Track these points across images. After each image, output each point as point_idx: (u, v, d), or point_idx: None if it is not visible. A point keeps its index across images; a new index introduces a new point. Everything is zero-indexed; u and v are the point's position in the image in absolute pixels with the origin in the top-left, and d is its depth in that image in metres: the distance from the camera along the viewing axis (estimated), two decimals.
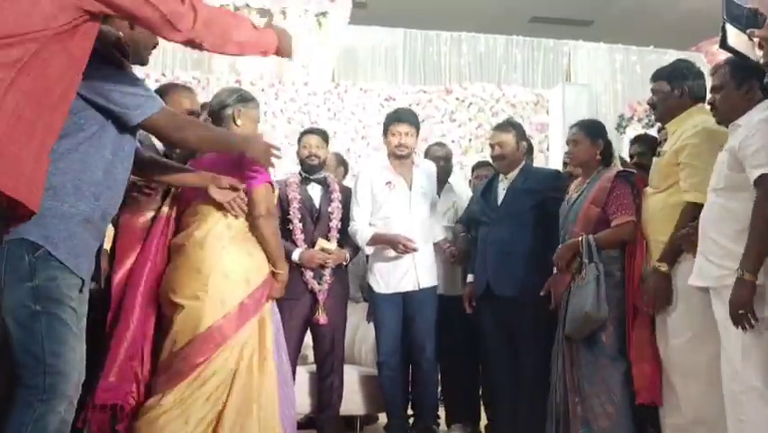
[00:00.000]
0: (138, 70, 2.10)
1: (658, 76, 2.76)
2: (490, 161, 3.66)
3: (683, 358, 2.52)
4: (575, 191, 3.07)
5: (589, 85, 6.83)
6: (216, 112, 2.61)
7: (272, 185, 2.63)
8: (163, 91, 2.52)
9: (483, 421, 3.73)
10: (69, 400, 1.67)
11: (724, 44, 2.11)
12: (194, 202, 2.49)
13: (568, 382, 2.86)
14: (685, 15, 7.83)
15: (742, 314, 2.08)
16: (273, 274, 2.60)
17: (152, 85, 5.77)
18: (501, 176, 3.43)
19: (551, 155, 6.55)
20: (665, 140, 2.91)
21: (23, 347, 1.63)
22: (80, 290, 1.81)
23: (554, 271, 3.03)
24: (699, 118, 2.60)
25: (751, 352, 2.11)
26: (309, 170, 3.49)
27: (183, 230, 2.48)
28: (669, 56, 7.20)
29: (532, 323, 3.14)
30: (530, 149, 3.82)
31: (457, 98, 6.57)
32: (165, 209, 2.45)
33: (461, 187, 4.25)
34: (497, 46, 6.96)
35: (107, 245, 2.33)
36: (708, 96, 2.50)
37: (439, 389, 3.73)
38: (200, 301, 2.37)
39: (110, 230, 2.21)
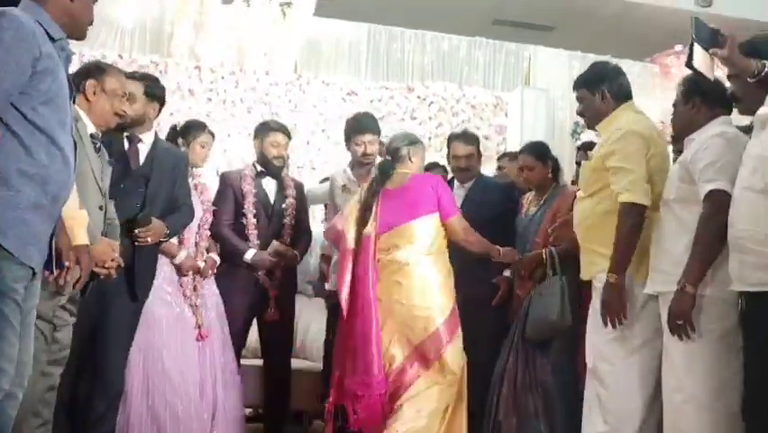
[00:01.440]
0: (95, 51, 2.08)
1: (578, 84, 2.75)
2: (445, 162, 3.73)
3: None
4: (533, 205, 3.27)
5: (548, 90, 6.93)
6: (393, 153, 3.14)
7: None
8: (100, 69, 2.46)
9: None
10: (7, 393, 1.63)
11: (689, 64, 2.18)
12: (397, 227, 2.99)
13: (519, 377, 3.06)
14: (642, 27, 8.04)
15: (680, 324, 2.15)
16: None
17: None
18: (457, 183, 3.53)
19: None
20: None
21: None
22: (31, 281, 1.77)
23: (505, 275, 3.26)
24: (623, 120, 2.58)
25: (694, 362, 2.17)
26: (274, 170, 3.43)
27: (387, 249, 2.97)
28: (625, 65, 7.35)
29: (485, 326, 3.32)
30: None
31: (419, 96, 6.59)
32: (370, 230, 2.93)
33: None
34: (460, 47, 6.99)
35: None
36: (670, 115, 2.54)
37: None
38: (428, 309, 2.90)
39: None
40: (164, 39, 6.07)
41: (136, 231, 2.76)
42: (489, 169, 5.25)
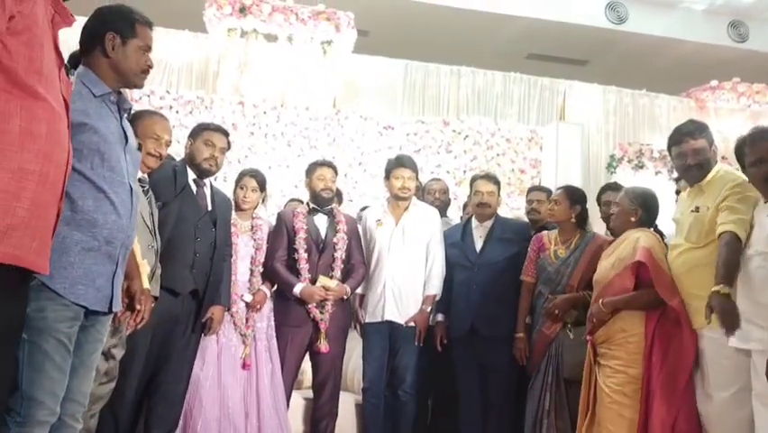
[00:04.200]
0: (144, 88, 2.18)
1: (701, 132, 2.80)
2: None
3: (727, 412, 2.52)
4: (561, 248, 3.35)
5: (582, 124, 6.98)
6: None
7: None
8: (136, 116, 2.55)
9: None
10: (46, 424, 1.70)
11: None
12: None
13: (559, 417, 3.17)
14: (676, 62, 8.08)
15: None
16: None
17: (156, 102, 5.92)
18: (475, 222, 3.67)
19: None
20: (678, 192, 3.20)
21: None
22: (93, 324, 1.85)
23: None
24: (732, 173, 2.68)
25: None
26: (322, 202, 3.58)
27: None
28: (660, 99, 7.44)
29: (505, 361, 3.46)
30: None
31: (454, 130, 6.69)
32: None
33: (457, 220, 4.41)
34: (495, 81, 7.09)
35: None
36: (752, 169, 2.46)
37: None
38: None
39: None
40: (209, 76, 6.29)
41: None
42: (521, 202, 5.33)
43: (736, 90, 7.25)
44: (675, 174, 6.58)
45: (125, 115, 2.02)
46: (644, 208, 3.04)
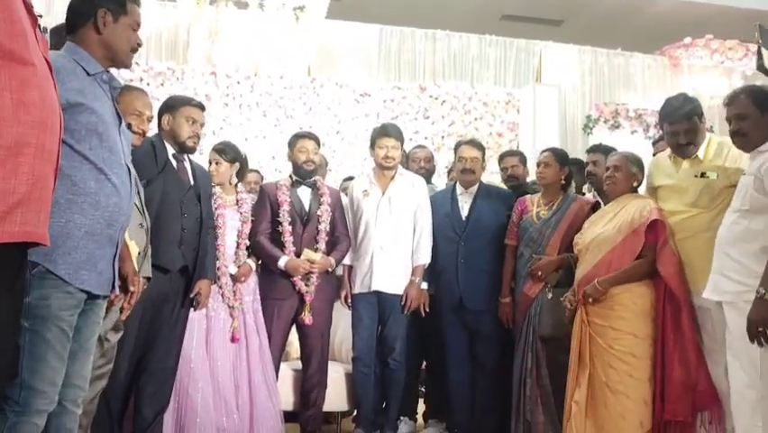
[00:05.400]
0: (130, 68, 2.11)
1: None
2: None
3: None
4: (543, 210, 3.34)
5: (559, 85, 6.97)
6: None
7: None
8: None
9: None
10: (45, 412, 1.68)
11: (761, 67, 2.27)
12: None
13: (542, 376, 3.24)
14: (651, 21, 8.07)
15: (760, 331, 2.22)
16: None
17: (126, 74, 5.76)
18: (460, 188, 3.67)
19: None
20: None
21: None
22: (92, 307, 1.82)
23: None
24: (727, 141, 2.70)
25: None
26: (305, 174, 3.55)
27: None
28: (635, 58, 7.45)
29: (493, 328, 3.53)
30: None
31: (431, 96, 6.65)
32: None
33: (442, 185, 4.40)
34: (470, 44, 7.03)
35: None
36: (732, 124, 2.50)
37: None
38: None
39: None
40: (179, 46, 6.14)
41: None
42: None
43: (709, 47, 7.28)
44: (651, 133, 6.67)
45: (115, 95, 1.96)
46: (642, 172, 3.09)
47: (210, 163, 3.46)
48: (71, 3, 1.93)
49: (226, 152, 3.46)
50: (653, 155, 3.44)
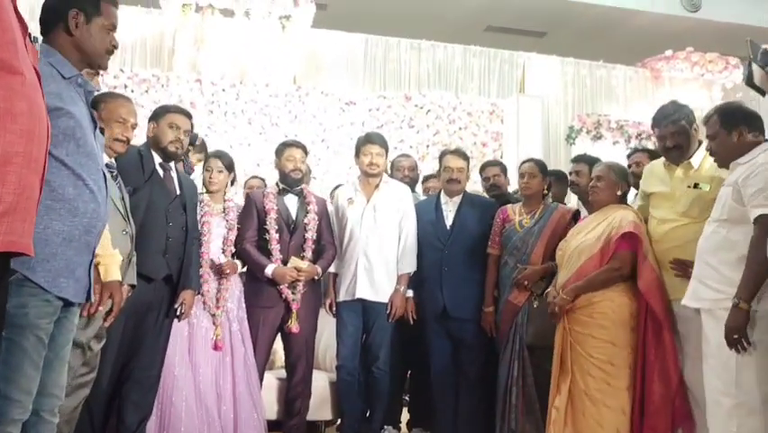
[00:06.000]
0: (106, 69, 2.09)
1: (679, 116, 2.90)
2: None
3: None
4: (526, 219, 3.40)
5: (542, 96, 7.05)
6: None
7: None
8: (99, 99, 2.49)
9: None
10: (19, 422, 1.65)
11: (750, 82, 2.33)
12: None
13: (528, 384, 3.27)
14: (633, 33, 8.19)
15: (736, 338, 2.29)
16: None
17: (110, 81, 5.73)
18: (445, 197, 3.70)
19: (505, 163, 6.75)
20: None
21: None
22: (66, 315, 1.79)
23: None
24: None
25: (745, 371, 2.32)
26: (292, 183, 3.55)
27: None
28: (617, 70, 7.56)
29: (477, 336, 3.55)
30: None
31: (416, 105, 6.69)
32: None
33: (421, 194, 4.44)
34: (455, 55, 7.09)
35: None
36: (705, 143, 2.65)
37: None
38: None
39: None
40: (165, 53, 6.13)
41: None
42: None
43: (689, 60, 7.40)
44: (632, 144, 6.75)
45: (90, 99, 1.93)
46: (627, 182, 3.13)
47: (209, 170, 3.44)
48: (45, 3, 1.88)
49: (224, 160, 3.48)
50: (628, 166, 3.50)
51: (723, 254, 2.43)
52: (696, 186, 2.81)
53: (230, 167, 3.48)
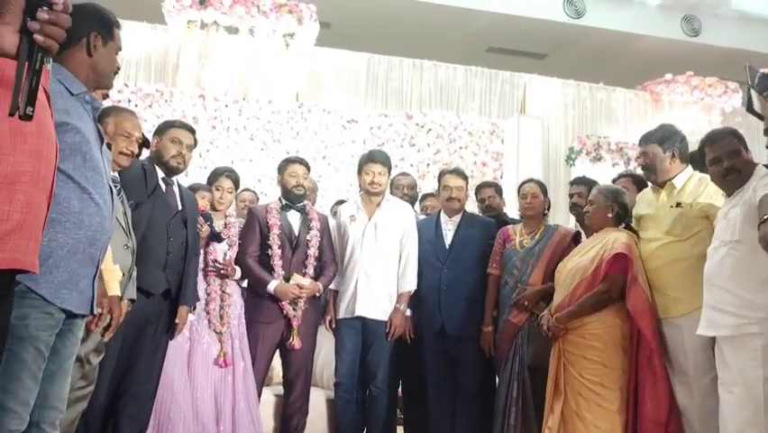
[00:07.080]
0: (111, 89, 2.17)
1: (653, 138, 2.98)
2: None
3: (709, 398, 2.59)
4: (527, 239, 3.43)
5: (542, 117, 7.09)
6: None
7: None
8: (104, 113, 2.53)
9: None
10: (16, 432, 1.65)
11: (750, 109, 2.35)
12: None
13: (527, 404, 3.25)
14: (633, 56, 8.27)
15: None
16: None
17: (114, 95, 5.78)
18: (444, 216, 3.73)
19: (504, 183, 6.79)
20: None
21: None
22: (70, 327, 1.80)
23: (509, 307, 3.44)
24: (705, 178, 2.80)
25: None
26: (294, 199, 3.57)
27: None
28: (617, 93, 7.62)
29: (475, 355, 3.54)
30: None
31: (417, 124, 6.73)
32: None
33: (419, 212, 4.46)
34: (456, 75, 7.15)
35: None
36: (725, 161, 2.54)
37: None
38: None
39: None
40: (169, 68, 6.18)
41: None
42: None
43: (689, 83, 7.46)
44: (632, 166, 6.78)
45: (96, 115, 1.97)
46: (619, 203, 3.13)
47: (219, 189, 3.51)
48: None
49: (233, 179, 3.55)
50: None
51: (742, 278, 2.35)
52: (678, 205, 2.84)
53: (237, 184, 3.52)
